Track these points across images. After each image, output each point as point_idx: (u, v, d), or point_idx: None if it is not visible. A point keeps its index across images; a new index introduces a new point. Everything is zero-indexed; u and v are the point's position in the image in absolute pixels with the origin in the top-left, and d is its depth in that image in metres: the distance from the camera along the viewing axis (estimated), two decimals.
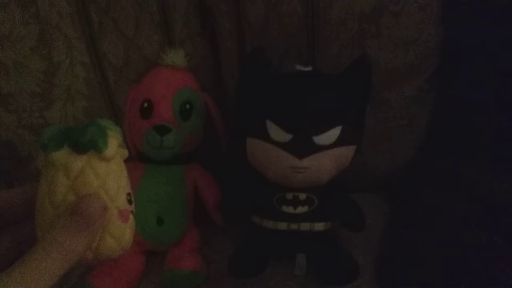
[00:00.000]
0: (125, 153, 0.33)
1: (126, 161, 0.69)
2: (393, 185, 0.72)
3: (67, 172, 0.29)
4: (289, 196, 0.59)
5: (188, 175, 0.67)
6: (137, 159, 0.68)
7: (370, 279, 0.61)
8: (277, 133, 0.55)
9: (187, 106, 0.65)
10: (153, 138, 0.61)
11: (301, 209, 0.60)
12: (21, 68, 0.67)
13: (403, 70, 0.64)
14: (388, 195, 0.73)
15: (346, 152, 0.58)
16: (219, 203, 0.65)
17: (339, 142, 0.56)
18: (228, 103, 0.72)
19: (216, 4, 0.66)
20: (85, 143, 0.29)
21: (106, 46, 0.67)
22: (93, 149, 0.30)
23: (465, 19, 0.61)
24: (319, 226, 0.61)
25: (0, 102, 0.70)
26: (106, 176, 0.30)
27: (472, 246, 0.53)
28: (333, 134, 0.55)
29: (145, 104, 0.64)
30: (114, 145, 0.31)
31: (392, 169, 0.72)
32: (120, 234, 0.31)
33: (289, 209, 0.60)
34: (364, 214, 0.60)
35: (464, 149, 0.63)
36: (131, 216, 0.32)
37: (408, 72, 0.65)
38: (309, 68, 0.58)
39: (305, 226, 0.60)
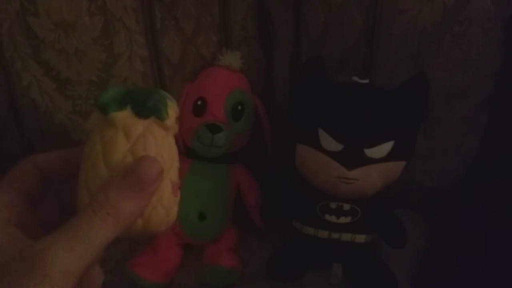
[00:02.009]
0: (177, 129, 0.31)
1: None
2: (438, 204, 0.71)
3: (127, 134, 0.28)
4: (333, 205, 0.60)
5: (232, 175, 0.68)
6: (185, 155, 0.69)
7: None
8: (328, 142, 0.56)
9: (239, 107, 0.66)
10: (205, 135, 0.62)
11: (344, 219, 0.60)
12: (82, 57, 0.70)
13: (459, 90, 0.64)
14: (431, 214, 0.72)
15: (395, 167, 0.58)
16: (261, 205, 0.66)
17: (390, 156, 0.56)
18: (277, 107, 0.72)
19: (276, 11, 0.67)
20: (149, 108, 0.28)
21: (166, 42, 0.69)
22: (155, 116, 0.29)
23: None
24: (361, 238, 0.61)
25: (58, 87, 0.72)
26: (163, 145, 0.29)
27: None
28: (385, 148, 0.55)
29: (199, 102, 0.66)
30: (173, 116, 0.30)
31: (439, 187, 0.71)
32: (170, 206, 0.30)
33: (331, 218, 0.60)
34: (406, 231, 0.60)
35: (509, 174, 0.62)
36: (179, 192, 0.31)
37: (463, 93, 0.64)
38: (366, 81, 0.59)
39: (346, 236, 0.61)
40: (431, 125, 0.66)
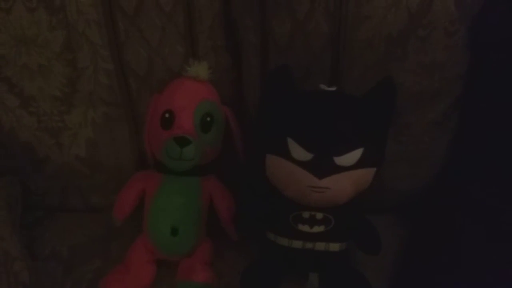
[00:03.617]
0: None
1: (144, 170, 0.71)
2: (411, 208, 0.72)
3: None
4: (306, 214, 0.59)
5: (204, 187, 0.67)
6: (155, 168, 0.68)
7: None
8: (298, 151, 0.55)
9: (208, 118, 0.65)
10: (173, 149, 0.61)
11: (317, 229, 0.59)
12: (45, 72, 0.68)
13: (427, 94, 0.64)
14: (405, 218, 0.73)
15: (366, 174, 0.58)
16: (233, 217, 0.65)
17: (360, 164, 0.56)
18: (248, 117, 0.72)
19: (242, 18, 0.67)
20: None
21: (131, 55, 0.67)
22: None
23: (492, 46, 0.61)
24: (335, 246, 0.61)
25: (22, 103, 0.70)
26: None
27: (490, 283, 0.52)
28: (355, 155, 0.55)
29: (167, 115, 0.64)
30: None
31: (411, 192, 0.71)
32: None
33: (305, 228, 0.59)
34: (381, 238, 0.60)
35: (486, 176, 0.63)
36: None
37: (431, 97, 0.65)
38: (333, 88, 0.58)
39: (320, 245, 0.60)
40: (401, 130, 0.67)
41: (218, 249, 0.69)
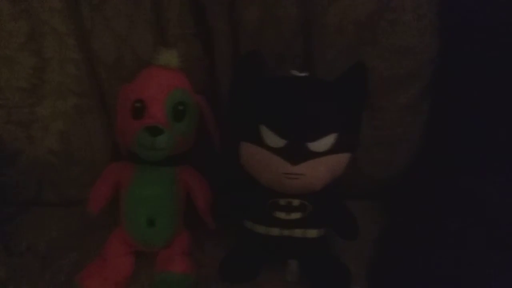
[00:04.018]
0: None
1: (114, 160, 0.70)
2: (389, 193, 0.72)
3: None
4: (283, 202, 0.59)
5: (179, 177, 0.66)
6: (128, 159, 0.67)
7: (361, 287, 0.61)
8: (271, 138, 0.55)
9: (180, 107, 0.64)
10: (145, 139, 0.60)
11: (294, 215, 0.59)
12: (10, 64, 0.66)
13: (399, 78, 0.64)
14: (383, 203, 0.73)
15: (341, 159, 0.58)
16: (210, 206, 0.65)
17: (334, 149, 0.55)
18: (223, 105, 0.71)
19: (210, 5, 0.65)
20: None
21: (98, 43, 0.65)
22: None
23: (461, 28, 0.61)
24: (312, 233, 0.60)
25: None
26: None
27: (469, 262, 0.53)
28: (328, 141, 0.55)
29: (137, 104, 0.63)
30: None
31: (388, 177, 0.72)
32: None
33: (282, 215, 0.59)
34: (358, 222, 0.60)
35: (462, 160, 0.63)
36: None
37: (404, 81, 0.65)
38: (305, 74, 0.58)
39: (297, 232, 0.60)
40: (375, 114, 0.67)
41: (197, 239, 0.69)
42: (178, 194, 0.66)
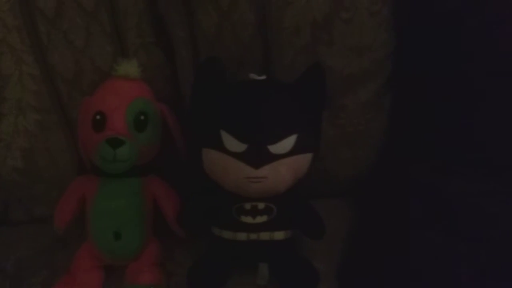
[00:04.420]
0: None
1: (80, 174, 0.69)
2: (356, 191, 0.72)
3: None
4: (248, 206, 0.59)
5: (145, 188, 0.65)
6: (92, 172, 0.66)
7: (330, 286, 0.60)
8: (231, 143, 0.55)
9: (142, 117, 0.63)
10: (106, 151, 0.59)
11: (260, 219, 0.59)
12: None
13: (358, 76, 0.65)
14: (351, 201, 0.73)
15: (303, 160, 0.58)
16: (178, 215, 0.64)
17: (295, 150, 0.55)
18: (187, 112, 0.70)
19: (168, 13, 0.65)
20: None
21: (56, 58, 0.65)
22: None
23: (416, 25, 0.62)
24: (279, 235, 0.60)
25: None
26: None
27: (436, 258, 0.53)
28: (289, 142, 0.55)
29: (98, 117, 0.62)
30: None
31: (354, 175, 0.72)
32: None
33: (248, 219, 0.59)
34: (324, 222, 0.60)
35: (422, 154, 0.63)
36: None
37: (363, 78, 0.65)
38: (263, 77, 0.58)
39: (264, 235, 0.60)
40: (337, 113, 0.67)
41: (168, 248, 0.68)
42: (144, 205, 0.65)
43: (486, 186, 0.57)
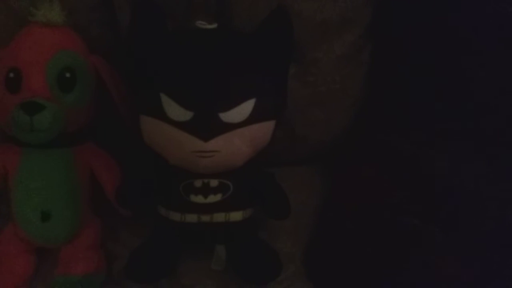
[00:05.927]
0: None
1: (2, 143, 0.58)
2: (327, 158, 0.66)
3: None
4: (198, 183, 0.51)
5: (78, 158, 0.57)
6: (12, 141, 0.56)
7: (297, 270, 0.55)
8: (174, 110, 0.46)
9: (68, 74, 0.53)
10: (21, 119, 0.49)
11: (213, 198, 0.51)
12: None
13: (333, 24, 0.56)
14: (320, 169, 0.67)
15: (263, 128, 0.49)
16: (116, 191, 0.55)
17: (253, 118, 0.47)
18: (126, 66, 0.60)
19: None
20: None
21: None
22: None
23: None
24: (236, 215, 0.53)
25: None
26: None
27: (405, 234, 0.49)
28: (245, 109, 0.47)
29: (11, 74, 0.52)
30: None
31: (326, 139, 0.65)
32: None
33: (198, 199, 0.51)
34: (289, 200, 0.53)
35: (402, 122, 0.57)
36: None
37: (338, 27, 0.57)
38: (214, 26, 0.49)
39: (219, 217, 0.52)
40: (308, 69, 0.59)
41: (112, 228, 0.60)
42: (78, 179, 0.56)
43: (468, 158, 0.52)
